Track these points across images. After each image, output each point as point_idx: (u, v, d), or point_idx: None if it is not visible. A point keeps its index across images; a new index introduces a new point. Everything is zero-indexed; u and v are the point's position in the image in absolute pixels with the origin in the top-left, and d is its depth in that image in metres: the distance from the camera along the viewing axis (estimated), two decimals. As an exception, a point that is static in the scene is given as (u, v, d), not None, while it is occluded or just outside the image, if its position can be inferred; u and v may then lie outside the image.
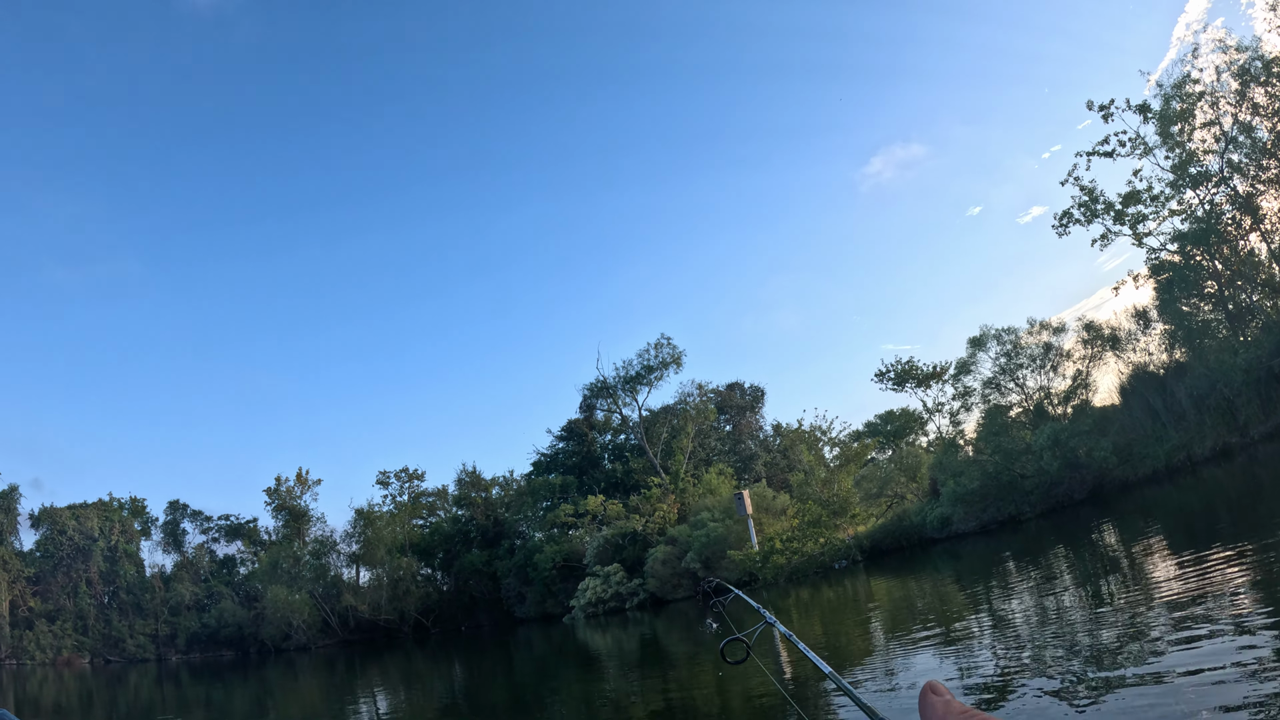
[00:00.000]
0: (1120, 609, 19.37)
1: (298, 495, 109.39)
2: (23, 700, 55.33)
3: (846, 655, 23.70)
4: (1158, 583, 21.31)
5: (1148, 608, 18.32)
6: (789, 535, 64.68)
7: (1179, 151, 60.95)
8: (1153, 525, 35.10)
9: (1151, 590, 20.48)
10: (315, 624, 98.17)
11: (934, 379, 78.93)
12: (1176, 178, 61.79)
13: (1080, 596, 23.25)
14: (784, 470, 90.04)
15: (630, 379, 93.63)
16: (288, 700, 45.33)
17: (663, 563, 71.51)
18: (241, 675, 68.18)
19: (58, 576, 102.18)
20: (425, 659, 62.32)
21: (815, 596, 47.74)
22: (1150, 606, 18.36)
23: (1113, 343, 64.40)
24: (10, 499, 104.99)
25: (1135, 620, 17.42)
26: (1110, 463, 54.57)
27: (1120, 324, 64.70)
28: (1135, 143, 62.88)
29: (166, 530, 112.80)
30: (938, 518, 61.13)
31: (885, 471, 76.32)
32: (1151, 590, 20.48)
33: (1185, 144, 60.66)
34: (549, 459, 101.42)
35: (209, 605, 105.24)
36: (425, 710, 32.50)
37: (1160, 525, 34.49)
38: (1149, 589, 20.78)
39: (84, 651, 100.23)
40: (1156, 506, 42.22)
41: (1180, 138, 60.70)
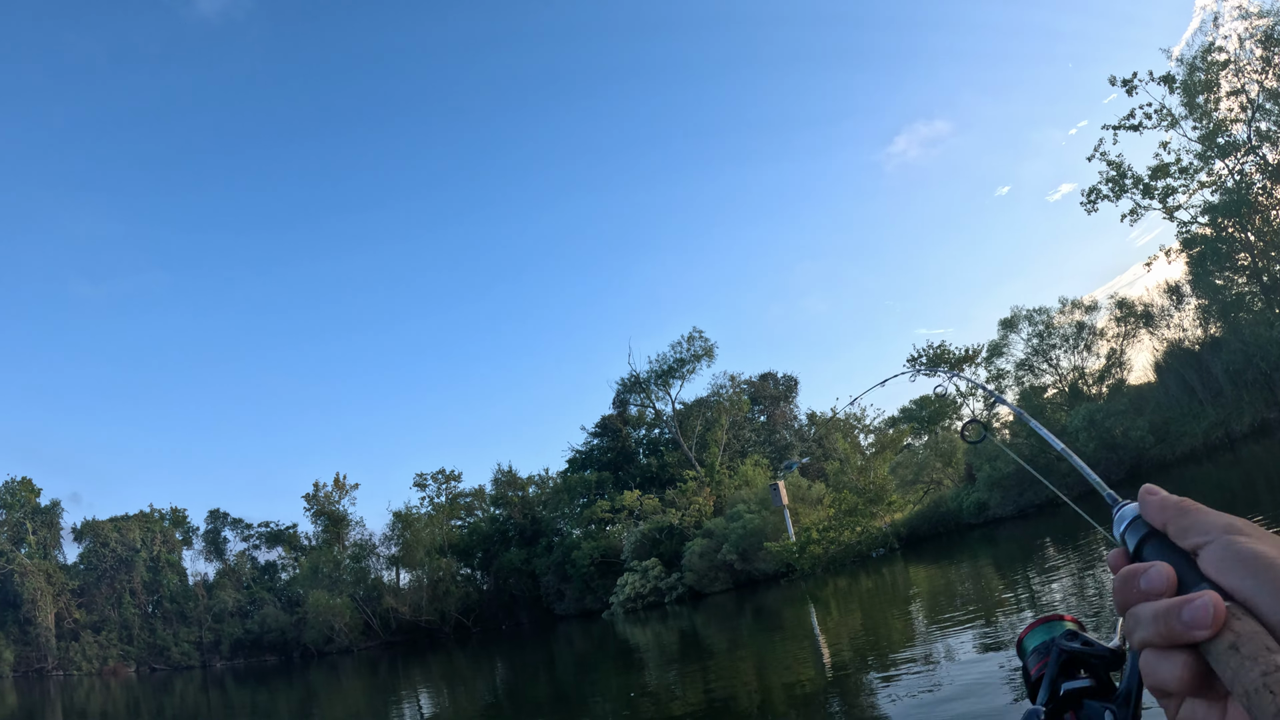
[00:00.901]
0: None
1: (336, 500, 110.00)
2: (70, 710, 55.92)
3: (888, 643, 23.61)
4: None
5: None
6: (825, 525, 64.40)
7: (1205, 122, 60.18)
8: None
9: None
10: (357, 627, 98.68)
11: (966, 362, 77.75)
12: (1204, 148, 60.88)
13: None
14: (820, 459, 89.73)
15: (662, 373, 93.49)
16: (332, 702, 45.62)
17: (700, 556, 71.41)
18: (286, 679, 68.60)
19: (102, 588, 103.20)
20: (467, 658, 62.54)
21: (853, 585, 47.61)
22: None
23: (1146, 320, 63.67)
24: (53, 514, 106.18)
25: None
26: (1147, 442, 54.00)
27: (1153, 300, 63.91)
28: (1161, 115, 61.92)
29: (208, 539, 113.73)
30: (974, 503, 60.63)
31: (921, 457, 75.89)
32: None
33: (1211, 114, 59.92)
34: (584, 456, 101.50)
35: (252, 611, 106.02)
36: (468, 709, 32.60)
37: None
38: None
39: (129, 661, 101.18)
40: (1195, 485, 41.82)
41: (1206, 107, 59.97)
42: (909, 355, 79.98)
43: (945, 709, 13.53)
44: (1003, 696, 13.45)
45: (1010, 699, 13.14)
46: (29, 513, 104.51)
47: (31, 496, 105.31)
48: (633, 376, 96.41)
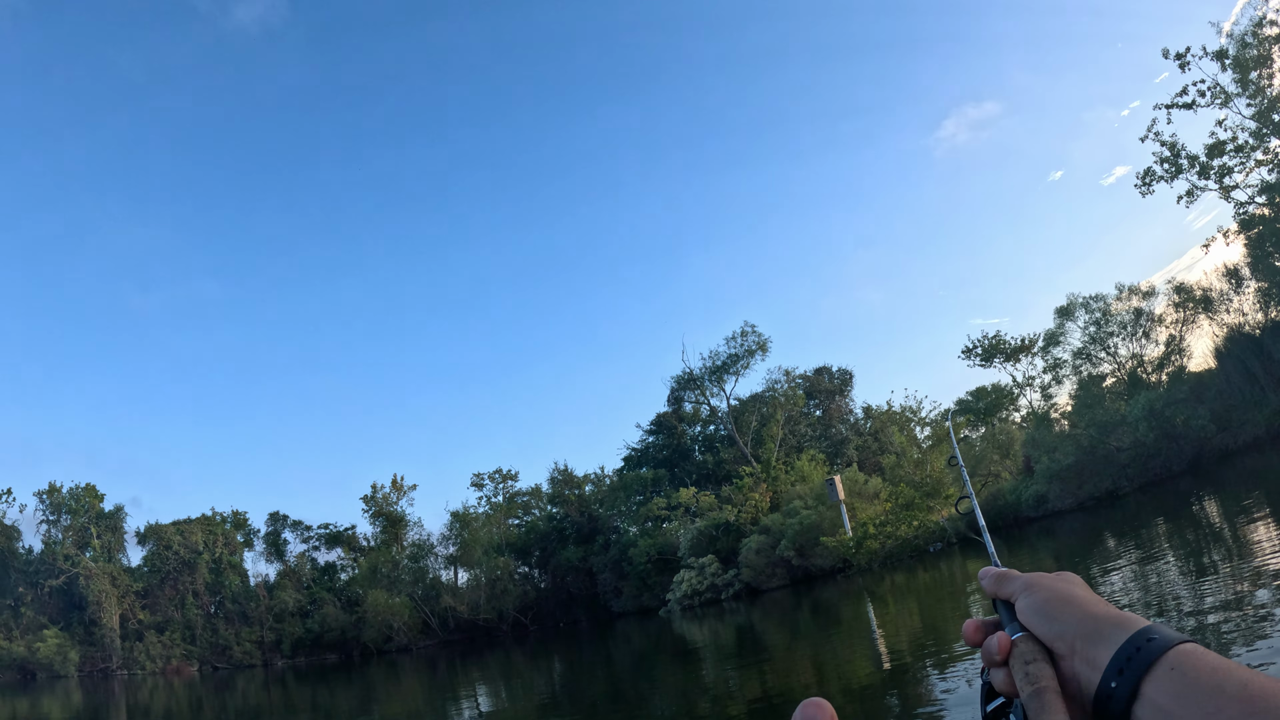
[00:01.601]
0: (1224, 583, 18.85)
1: (394, 501, 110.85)
2: (134, 709, 56.64)
3: (946, 639, 23.35)
4: (1263, 554, 20.73)
5: (1254, 581, 17.78)
6: (882, 519, 63.97)
7: (1260, 98, 58.92)
8: (1256, 495, 34.16)
9: (1257, 562, 19.92)
10: (415, 625, 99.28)
11: (1023, 352, 76.83)
12: (1260, 125, 59.60)
13: (1183, 572, 22.71)
14: (876, 453, 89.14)
15: (717, 369, 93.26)
16: (391, 700, 45.87)
17: (756, 552, 71.18)
18: (345, 677, 69.12)
19: (165, 589, 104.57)
20: (524, 656, 62.69)
21: (910, 580, 47.24)
22: (1256, 580, 17.83)
23: (1205, 304, 62.38)
24: (116, 518, 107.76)
25: (1240, 595, 16.93)
26: (1208, 431, 53.02)
27: (1212, 284, 62.62)
28: (1214, 92, 60.50)
29: (268, 541, 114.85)
30: (1033, 496, 59.87)
31: (978, 450, 74.80)
32: (1257, 562, 19.92)
33: (1265, 90, 58.67)
34: (639, 453, 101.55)
35: (312, 611, 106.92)
36: (526, 706, 32.65)
37: (1264, 494, 33.53)
38: (1254, 561, 20.22)
39: (192, 660, 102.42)
40: (1259, 475, 41.08)
41: (1260, 83, 58.71)
42: (964, 347, 79.03)
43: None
44: None
45: None
46: (93, 517, 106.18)
47: (95, 502, 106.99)
48: (687, 373, 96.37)
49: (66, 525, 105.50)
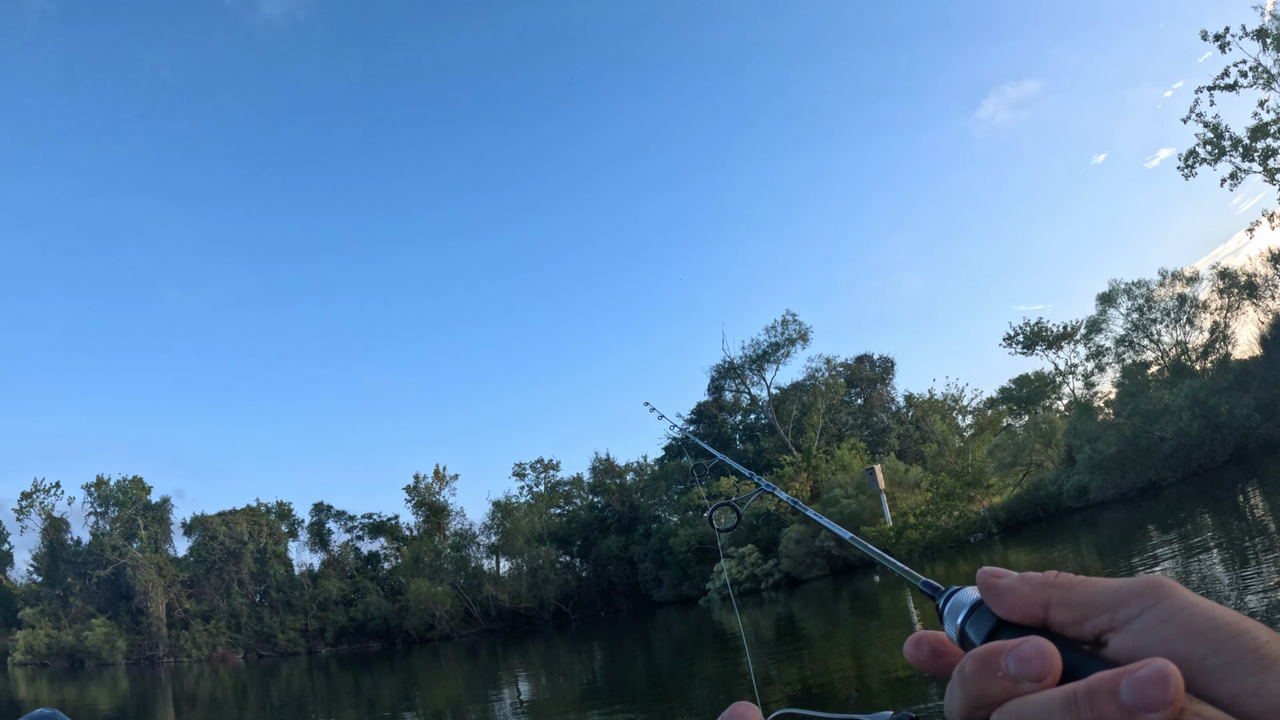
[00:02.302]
0: (1270, 577, 18.71)
1: (436, 491, 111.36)
2: (180, 695, 57.35)
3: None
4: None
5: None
6: (922, 509, 63.66)
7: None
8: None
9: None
10: (458, 614, 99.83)
11: (1065, 339, 75.52)
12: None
13: (1227, 565, 22.53)
14: (918, 442, 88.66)
15: (757, 358, 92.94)
16: (433, 687, 46.24)
17: (796, 542, 71.13)
18: (388, 665, 69.65)
19: (211, 579, 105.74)
20: (565, 645, 62.97)
21: (950, 571, 47.01)
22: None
23: (1250, 290, 61.25)
24: (163, 509, 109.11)
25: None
26: (1253, 421, 52.24)
27: (1257, 270, 61.56)
28: (1257, 72, 59.25)
29: (312, 531, 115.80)
30: (1074, 486, 59.21)
31: (1020, 439, 73.96)
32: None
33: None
34: (680, 442, 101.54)
35: (355, 600, 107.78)
36: (567, 694, 32.85)
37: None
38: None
39: (238, 648, 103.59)
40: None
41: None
42: (1005, 334, 77.87)
43: None
44: None
45: None
46: (140, 509, 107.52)
47: (143, 494, 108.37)
48: (727, 362, 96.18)
49: (114, 517, 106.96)
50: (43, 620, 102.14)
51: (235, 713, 43.41)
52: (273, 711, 42.37)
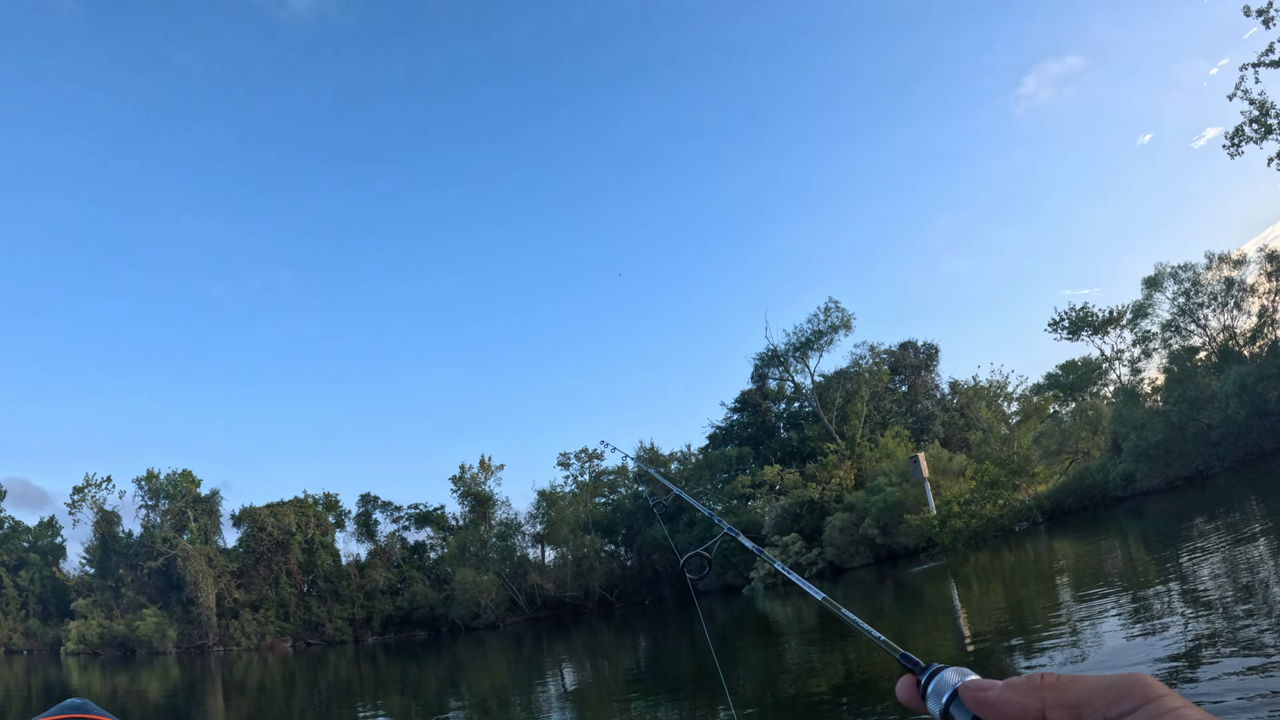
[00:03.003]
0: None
1: (482, 481, 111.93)
2: (230, 683, 58.03)
3: (1030, 622, 23.19)
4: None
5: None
6: (966, 498, 63.21)
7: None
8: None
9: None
10: (503, 603, 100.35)
11: (1111, 325, 74.27)
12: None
13: (1275, 553, 22.31)
14: (963, 430, 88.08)
15: (800, 346, 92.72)
16: (478, 675, 46.52)
17: (840, 530, 70.96)
18: (434, 653, 70.13)
19: (259, 569, 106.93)
20: (610, 633, 63.16)
21: (995, 561, 46.77)
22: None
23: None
24: (212, 502, 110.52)
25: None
26: (1303, 408, 51.66)
27: (1305, 251, 60.72)
28: (1304, 48, 58.09)
29: (359, 521, 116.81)
30: (1120, 475, 58.51)
31: (1065, 427, 73.20)
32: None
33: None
34: (724, 431, 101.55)
35: (402, 589, 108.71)
36: (611, 682, 32.98)
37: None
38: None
39: (286, 636, 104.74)
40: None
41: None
42: (1050, 319, 76.69)
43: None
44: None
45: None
46: (190, 502, 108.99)
47: (192, 487, 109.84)
48: (770, 350, 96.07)
49: (164, 510, 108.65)
50: (95, 611, 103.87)
51: (283, 700, 43.89)
52: (320, 699, 42.81)
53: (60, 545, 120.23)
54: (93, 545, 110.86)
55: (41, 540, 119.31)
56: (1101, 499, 59.66)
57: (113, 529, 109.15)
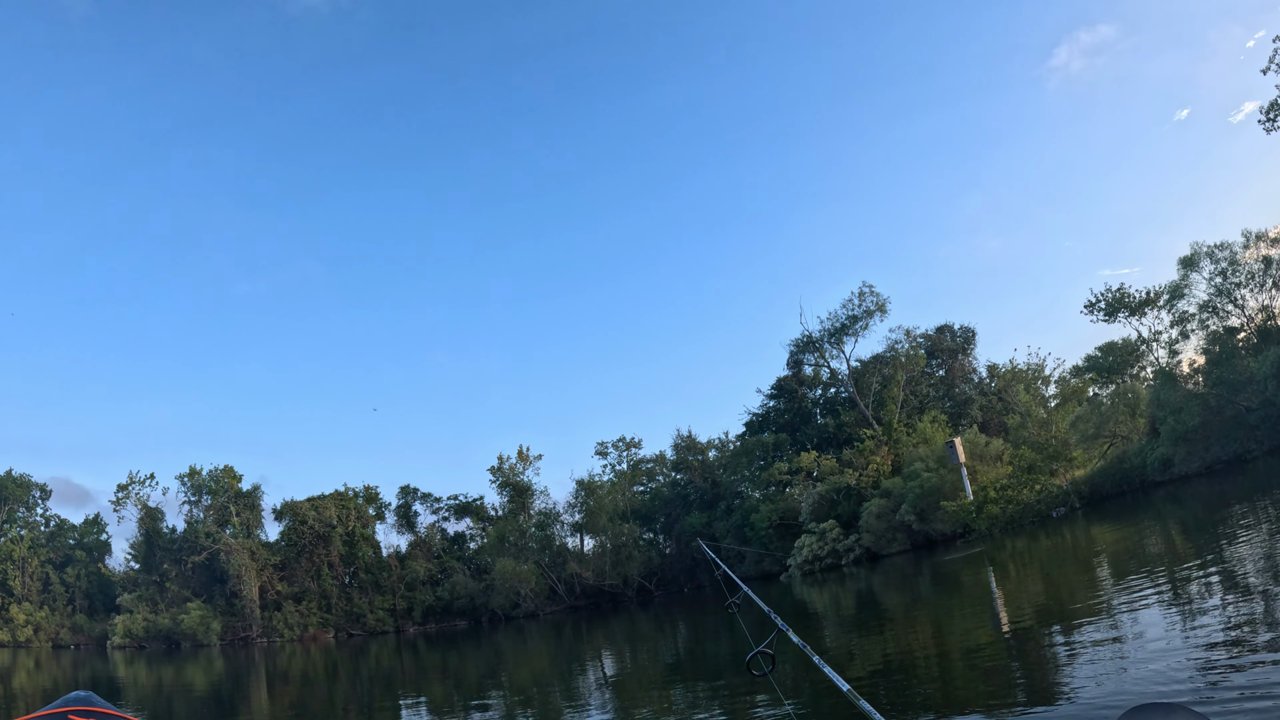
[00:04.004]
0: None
1: (520, 472, 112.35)
2: (274, 673, 58.66)
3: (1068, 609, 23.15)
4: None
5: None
6: (1003, 483, 62.87)
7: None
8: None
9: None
10: (542, 592, 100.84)
11: (1148, 305, 72.32)
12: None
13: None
14: (1000, 414, 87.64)
15: (835, 331, 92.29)
16: (518, 664, 46.86)
17: (877, 516, 70.85)
18: (474, 642, 70.55)
19: (301, 562, 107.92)
20: (649, 621, 63.42)
21: (1032, 547, 46.60)
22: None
23: (1340, 252, 59.55)
24: (254, 496, 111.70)
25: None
26: (1344, 390, 50.97)
27: (1345, 228, 59.75)
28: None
29: (399, 513, 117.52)
30: (1158, 459, 57.93)
31: (1104, 409, 72.12)
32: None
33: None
34: (760, 418, 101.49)
35: (442, 579, 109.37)
36: (650, 669, 33.21)
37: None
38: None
39: (328, 627, 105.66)
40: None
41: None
42: (1086, 301, 75.61)
43: (1127, 678, 13.08)
44: (1188, 670, 12.92)
45: (1197, 671, 12.70)
46: (232, 496, 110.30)
47: (234, 482, 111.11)
48: (805, 336, 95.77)
49: (207, 505, 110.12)
50: (140, 605, 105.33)
51: (326, 689, 44.43)
52: (363, 688, 43.28)
53: (105, 542, 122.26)
54: (137, 541, 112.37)
55: (87, 537, 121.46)
56: (1139, 484, 59.21)
57: (157, 525, 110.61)
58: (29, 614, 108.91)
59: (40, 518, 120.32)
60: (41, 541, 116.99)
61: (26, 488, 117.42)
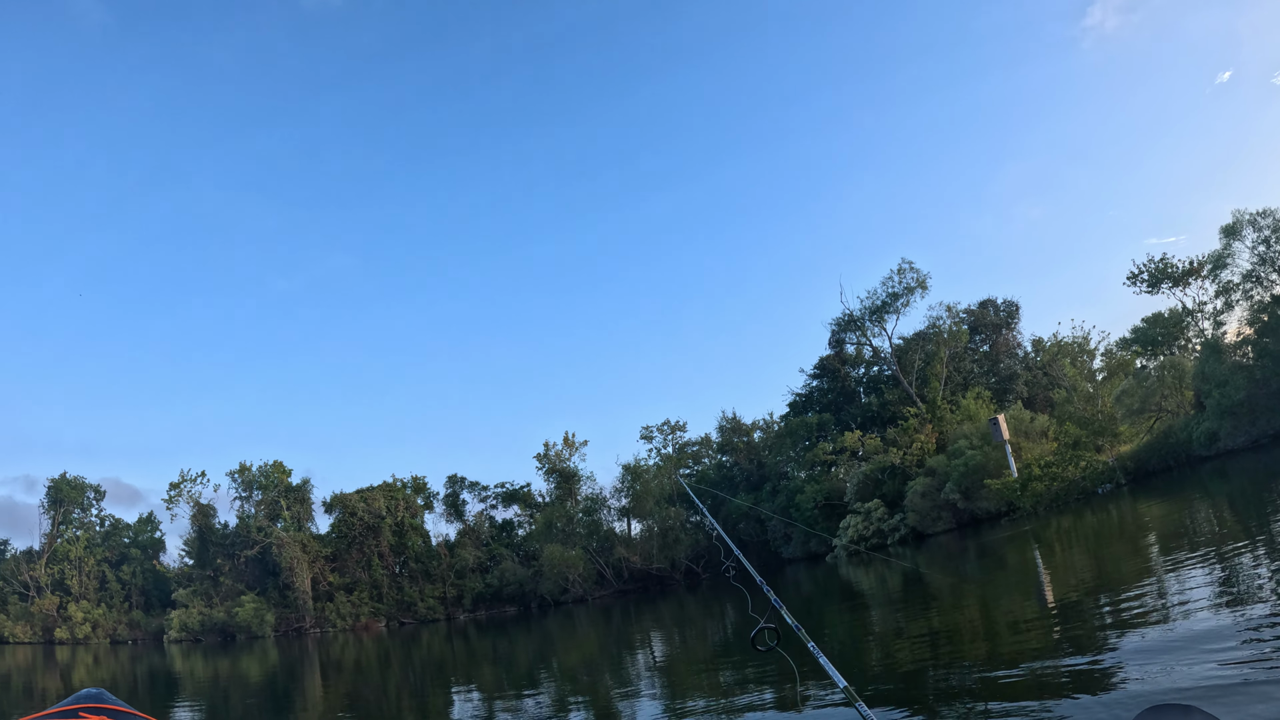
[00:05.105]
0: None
1: (566, 458, 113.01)
2: (327, 663, 59.31)
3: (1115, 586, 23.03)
4: None
5: None
6: (1047, 460, 62.28)
7: None
8: None
9: None
10: (590, 577, 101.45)
11: (1191, 276, 72.00)
12: None
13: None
14: (1046, 389, 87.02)
15: (876, 309, 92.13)
16: (568, 648, 47.14)
17: (922, 495, 70.70)
18: (524, 628, 70.96)
19: (352, 553, 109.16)
20: (697, 603, 63.55)
21: (1077, 524, 46.26)
22: None
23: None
24: (304, 490, 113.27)
25: None
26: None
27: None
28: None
29: (447, 502, 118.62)
30: (1204, 433, 57.31)
31: (1148, 384, 70.98)
32: None
33: None
34: (804, 398, 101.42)
35: (491, 567, 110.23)
36: (700, 652, 33.36)
37: None
38: None
39: (380, 616, 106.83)
40: None
41: None
42: (1129, 272, 74.52)
43: (1177, 657, 13.03)
44: (1239, 650, 12.61)
45: (1248, 653, 12.36)
46: (282, 491, 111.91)
47: (283, 477, 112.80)
48: (846, 315, 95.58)
49: (258, 500, 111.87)
50: (195, 599, 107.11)
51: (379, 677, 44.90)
52: (415, 675, 43.72)
53: (159, 539, 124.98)
54: (191, 538, 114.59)
55: (141, 536, 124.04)
56: (1185, 459, 58.65)
57: (209, 521, 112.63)
58: (87, 611, 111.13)
59: (95, 518, 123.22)
60: (97, 541, 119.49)
61: (81, 490, 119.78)
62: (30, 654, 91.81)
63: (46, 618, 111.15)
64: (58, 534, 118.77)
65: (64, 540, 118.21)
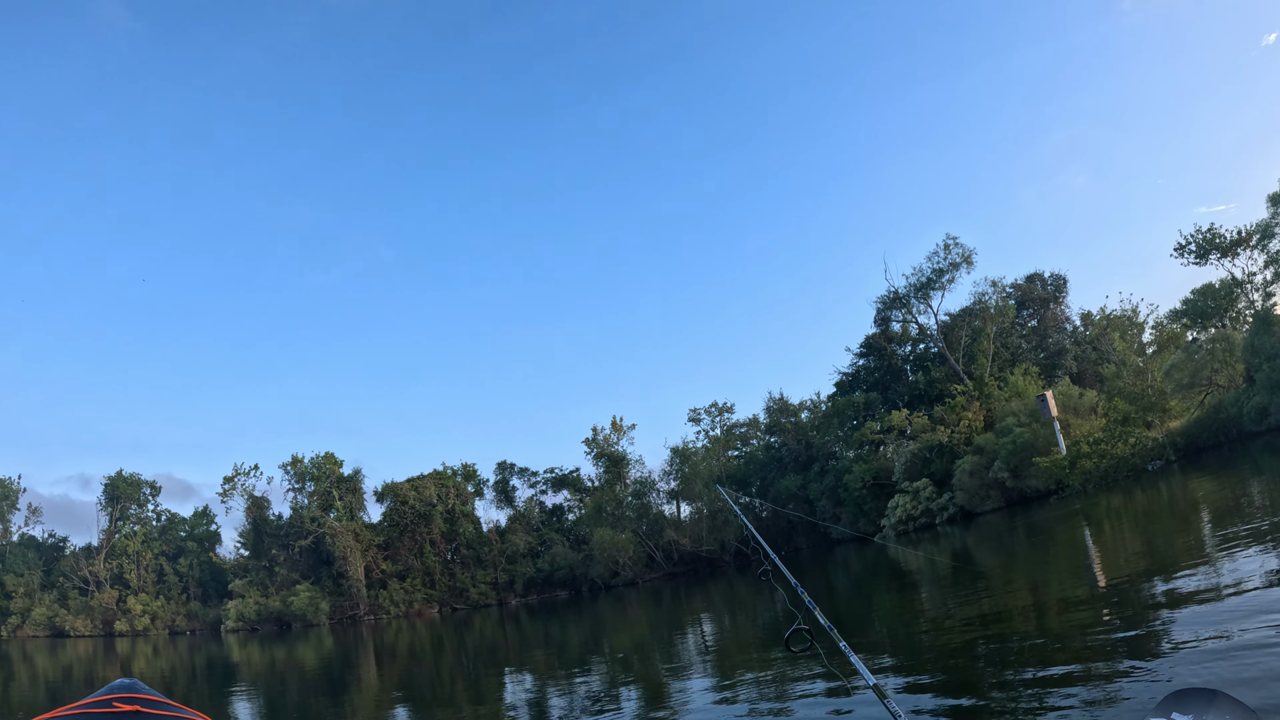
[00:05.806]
0: None
1: (615, 442, 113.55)
2: (381, 649, 60.05)
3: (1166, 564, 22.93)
4: None
5: None
6: (1096, 437, 61.65)
7: None
8: None
9: None
10: (640, 560, 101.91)
11: (1240, 246, 70.52)
12: None
13: None
14: (1095, 364, 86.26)
15: (921, 286, 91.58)
16: (619, 631, 47.43)
17: (970, 474, 70.36)
18: (575, 612, 71.43)
19: (404, 540, 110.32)
20: (747, 585, 63.67)
21: (1127, 502, 45.93)
22: None
23: None
24: (355, 480, 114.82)
25: None
26: None
27: None
28: None
29: (497, 489, 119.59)
30: (1254, 408, 56.42)
31: (1198, 358, 69.87)
32: None
33: None
34: (851, 377, 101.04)
35: (542, 551, 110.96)
36: (750, 633, 33.54)
37: None
38: None
39: (432, 603, 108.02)
40: None
41: None
42: (1176, 243, 73.46)
43: (1232, 641, 12.85)
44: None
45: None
46: (334, 481, 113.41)
47: (335, 468, 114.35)
48: (891, 293, 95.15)
49: (311, 491, 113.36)
50: (251, 590, 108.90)
51: (433, 661, 45.41)
52: (468, 659, 44.19)
53: (215, 532, 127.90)
54: (245, 529, 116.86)
55: (197, 529, 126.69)
56: (1236, 434, 57.97)
57: (263, 513, 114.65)
58: (145, 604, 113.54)
59: (151, 513, 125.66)
60: (154, 535, 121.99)
61: (137, 486, 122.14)
62: (91, 646, 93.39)
63: (106, 611, 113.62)
64: (115, 529, 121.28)
65: (122, 535, 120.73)
